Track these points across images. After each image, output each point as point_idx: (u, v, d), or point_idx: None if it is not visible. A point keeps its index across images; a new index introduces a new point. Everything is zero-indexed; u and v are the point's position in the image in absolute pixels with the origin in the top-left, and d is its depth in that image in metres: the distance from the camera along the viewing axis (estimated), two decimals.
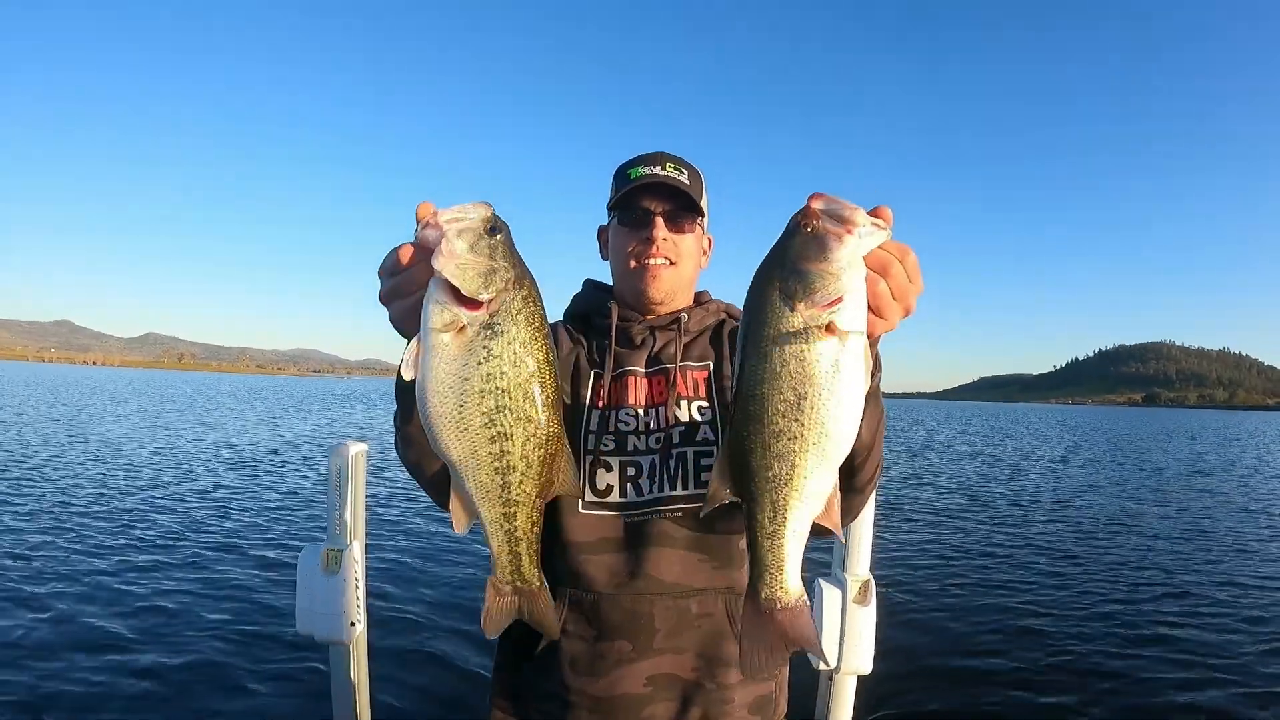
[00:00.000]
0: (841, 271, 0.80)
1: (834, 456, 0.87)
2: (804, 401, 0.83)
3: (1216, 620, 5.69)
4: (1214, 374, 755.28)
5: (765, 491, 0.88)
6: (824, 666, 1.88)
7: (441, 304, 0.81)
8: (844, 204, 0.81)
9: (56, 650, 4.28)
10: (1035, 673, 4.56)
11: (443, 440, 0.85)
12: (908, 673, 4.34)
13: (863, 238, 0.81)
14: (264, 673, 4.07)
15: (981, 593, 6.29)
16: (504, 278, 0.82)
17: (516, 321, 0.82)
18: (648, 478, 1.26)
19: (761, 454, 0.87)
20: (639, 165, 1.33)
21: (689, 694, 1.25)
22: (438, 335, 0.81)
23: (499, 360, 0.82)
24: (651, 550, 1.24)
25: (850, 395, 0.84)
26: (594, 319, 1.41)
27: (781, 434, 0.85)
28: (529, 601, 0.97)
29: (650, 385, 1.32)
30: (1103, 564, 7.59)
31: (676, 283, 1.35)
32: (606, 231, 1.43)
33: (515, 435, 0.85)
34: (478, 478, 0.86)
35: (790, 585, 0.93)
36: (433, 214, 0.81)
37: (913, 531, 9.00)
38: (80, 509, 8.37)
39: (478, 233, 0.81)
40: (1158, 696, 4.28)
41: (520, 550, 0.92)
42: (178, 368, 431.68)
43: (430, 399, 0.83)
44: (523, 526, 0.91)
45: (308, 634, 2.11)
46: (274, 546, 6.98)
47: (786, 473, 0.87)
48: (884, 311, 0.86)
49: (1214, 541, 8.96)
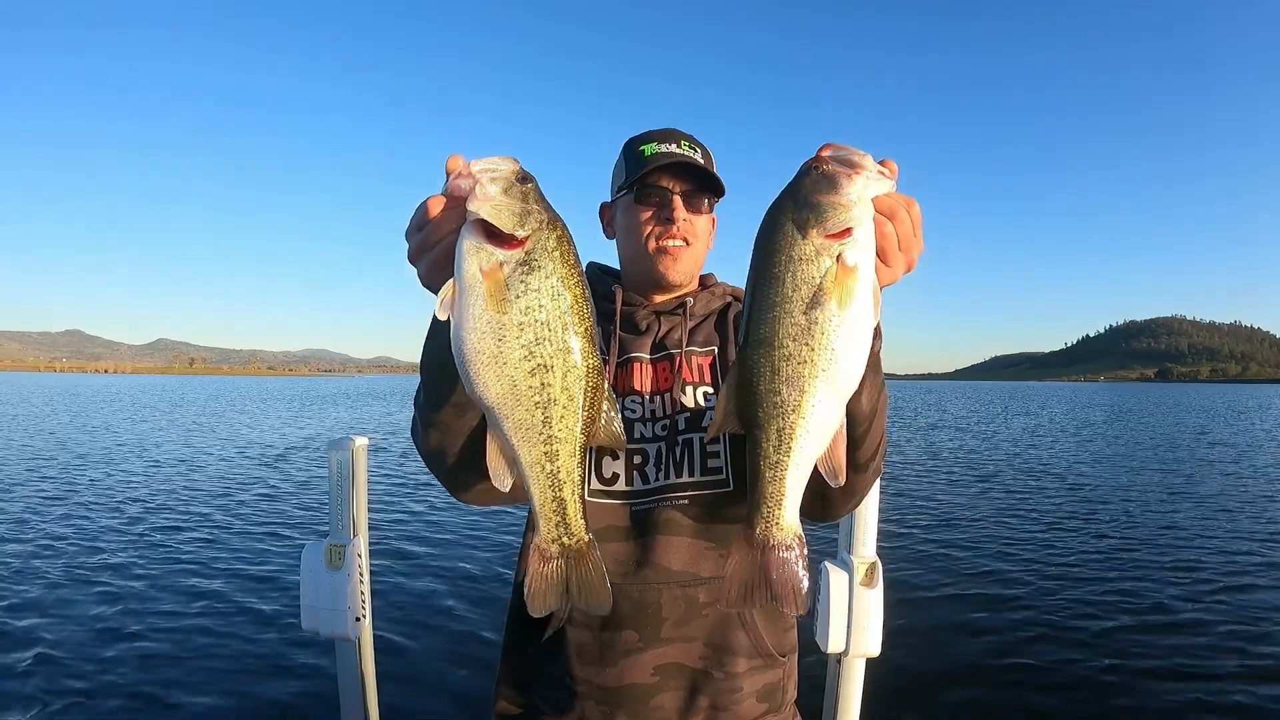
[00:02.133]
0: (852, 204, 0.82)
1: (842, 387, 0.87)
2: (814, 326, 0.83)
3: (1230, 596, 5.67)
4: (1226, 348, 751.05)
5: (772, 418, 0.87)
6: (832, 650, 1.86)
7: (477, 244, 0.81)
8: (853, 150, 0.84)
9: (64, 644, 4.35)
10: (1046, 651, 4.54)
11: (480, 379, 0.83)
12: (917, 654, 4.34)
13: (870, 179, 0.83)
14: (272, 669, 4.11)
15: (991, 572, 6.28)
16: (539, 217, 0.82)
17: (553, 257, 0.82)
18: (654, 465, 1.24)
19: (770, 378, 0.86)
20: (652, 142, 1.30)
21: (697, 683, 1.23)
22: (473, 275, 0.81)
23: (537, 294, 0.81)
24: (658, 539, 1.22)
25: (860, 326, 0.84)
26: (598, 302, 1.36)
27: (791, 358, 0.85)
28: (577, 563, 0.91)
29: (655, 371, 1.30)
30: (1114, 541, 7.56)
31: (694, 265, 1.34)
32: (612, 209, 1.39)
33: (555, 367, 0.83)
34: (517, 414, 0.84)
35: (786, 521, 0.91)
36: (465, 165, 0.82)
37: (920, 512, 9.00)
38: (87, 508, 8.50)
39: (510, 180, 0.81)
40: (1169, 669, 4.28)
41: (565, 496, 0.88)
42: (189, 372, 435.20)
43: (467, 337, 0.82)
44: (565, 466, 0.86)
45: (312, 630, 2.10)
46: (281, 542, 7.05)
47: (795, 399, 0.86)
48: (889, 258, 0.87)
49: (1230, 518, 8.90)
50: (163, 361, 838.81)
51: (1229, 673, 4.25)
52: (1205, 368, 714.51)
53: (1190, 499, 10.32)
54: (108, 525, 7.69)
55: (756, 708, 1.27)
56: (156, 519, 8.06)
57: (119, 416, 25.54)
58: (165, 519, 8.08)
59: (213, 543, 6.98)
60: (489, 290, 0.80)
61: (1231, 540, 7.59)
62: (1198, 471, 13.41)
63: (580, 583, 0.91)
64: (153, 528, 7.58)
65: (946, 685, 4.05)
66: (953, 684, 4.07)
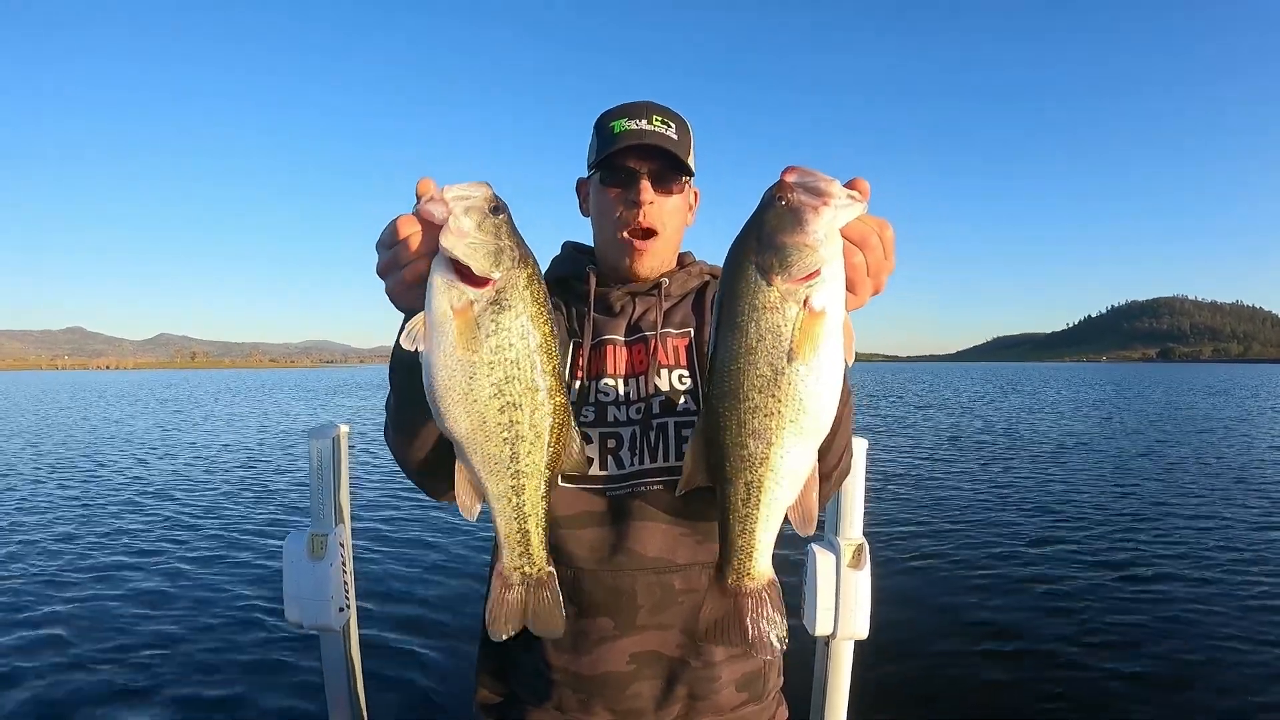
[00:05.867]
0: (819, 244, 0.78)
1: (812, 434, 0.84)
2: (781, 377, 0.81)
3: (1220, 566, 5.73)
4: (1228, 328, 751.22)
5: (739, 471, 0.85)
6: (820, 633, 1.85)
7: (449, 282, 0.82)
8: (819, 176, 0.79)
9: (45, 635, 4.38)
10: (1037, 630, 4.55)
11: (451, 414, 0.85)
12: (906, 636, 4.34)
13: (839, 210, 0.78)
14: (256, 660, 4.11)
15: (981, 552, 6.28)
16: (511, 256, 0.83)
17: (523, 297, 0.84)
18: (628, 450, 1.21)
19: (736, 431, 0.84)
20: (622, 118, 1.24)
21: (674, 672, 1.21)
22: (444, 312, 0.82)
23: (507, 333, 0.83)
24: (633, 524, 1.19)
25: (829, 371, 0.82)
26: (573, 284, 1.34)
27: (758, 410, 0.82)
28: (536, 591, 0.94)
29: (630, 354, 1.27)
30: (1108, 518, 7.58)
31: (665, 252, 1.30)
32: (587, 185, 1.35)
33: (524, 404, 0.86)
34: (486, 449, 0.87)
35: (758, 570, 0.91)
36: (437, 190, 0.82)
37: (909, 492, 9.01)
38: (80, 502, 8.52)
39: (483, 211, 0.82)
40: (1159, 647, 4.29)
41: (529, 528, 0.91)
42: (190, 366, 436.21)
43: (438, 373, 0.84)
44: (531, 499, 0.90)
45: (296, 621, 2.08)
46: (264, 534, 7.07)
47: (762, 451, 0.84)
48: (856, 287, 0.84)
49: (1228, 493, 8.93)
50: (164, 356, 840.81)
51: (1229, 639, 4.30)
52: (1207, 348, 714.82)
53: (1185, 475, 10.35)
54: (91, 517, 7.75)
55: (736, 697, 1.25)
56: (140, 512, 8.08)
57: (115, 412, 25.60)
58: (149, 511, 8.12)
59: (197, 535, 7.01)
60: (460, 328, 0.82)
61: (1230, 520, 7.59)
62: (1191, 448, 13.44)
63: (537, 610, 0.95)
64: (136, 522, 7.61)
65: (936, 667, 4.05)
66: (942, 665, 4.07)
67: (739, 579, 0.91)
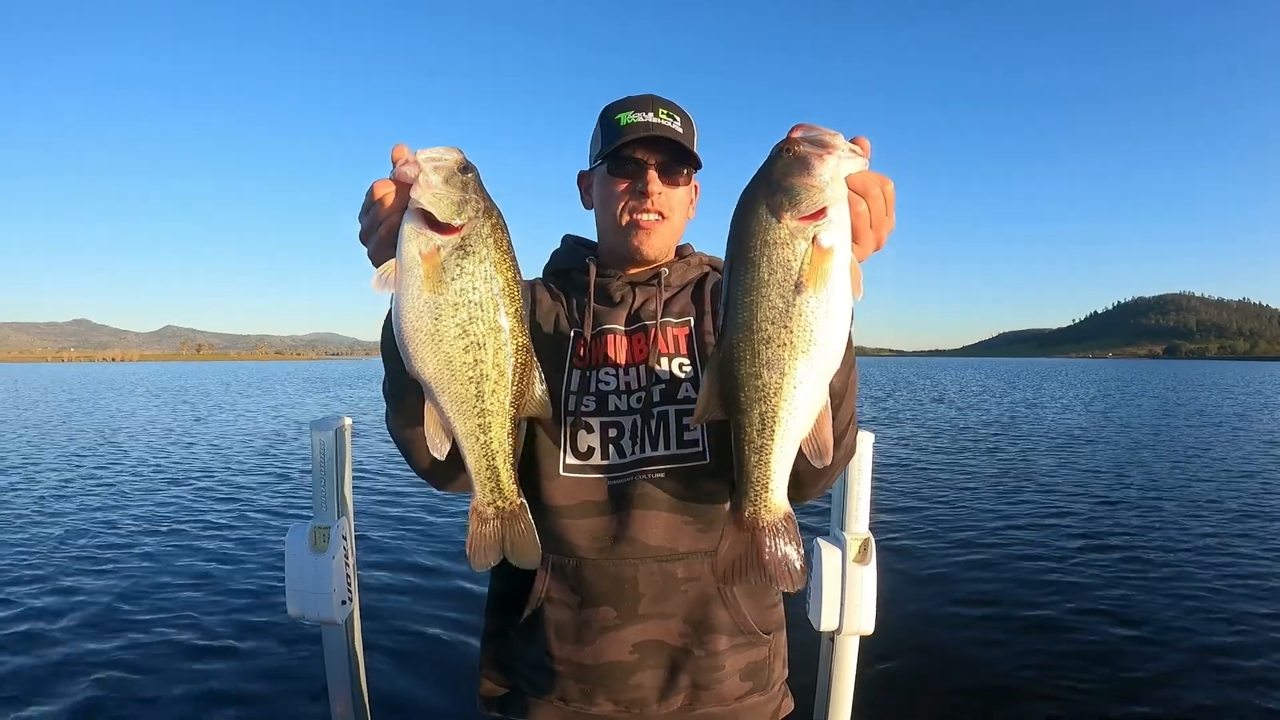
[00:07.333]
0: (825, 185, 0.82)
1: (823, 367, 0.87)
2: (792, 309, 0.84)
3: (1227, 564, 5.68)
4: (1235, 325, 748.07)
5: (754, 402, 0.88)
6: (825, 628, 1.83)
7: (417, 229, 0.87)
8: (824, 130, 0.85)
9: (44, 629, 4.38)
10: (1045, 626, 4.53)
11: (419, 355, 0.90)
12: (912, 631, 4.32)
13: (843, 159, 0.83)
14: (258, 654, 4.12)
15: (987, 547, 6.26)
16: (475, 206, 0.88)
17: (486, 243, 0.89)
18: (629, 438, 1.22)
19: (750, 362, 0.87)
20: (628, 110, 1.26)
21: (677, 661, 1.21)
22: (412, 257, 0.87)
23: (471, 276, 0.88)
24: (635, 513, 1.19)
25: (838, 306, 0.85)
26: (574, 275, 1.36)
27: (771, 341, 0.85)
28: (510, 524, 0.98)
29: (630, 343, 1.28)
30: (1116, 512, 7.55)
31: (670, 238, 1.31)
32: (589, 178, 1.36)
33: (488, 344, 0.90)
34: (453, 389, 0.91)
35: (775, 502, 0.93)
36: (410, 153, 0.88)
37: (915, 486, 9.00)
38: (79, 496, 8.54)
39: (452, 170, 0.87)
40: (1173, 642, 4.26)
41: (498, 464, 0.95)
42: (196, 358, 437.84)
43: (406, 315, 0.89)
44: (498, 437, 0.94)
45: (298, 614, 2.08)
46: (267, 527, 7.09)
47: (776, 381, 0.86)
48: (860, 236, 0.87)
49: (1234, 485, 8.87)
50: (170, 348, 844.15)
51: (1237, 632, 4.31)
52: (1213, 345, 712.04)
53: (1190, 469, 10.31)
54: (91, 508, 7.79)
55: (740, 686, 1.25)
56: (140, 505, 8.11)
57: (122, 404, 25.71)
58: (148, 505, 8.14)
59: (198, 528, 7.02)
60: (427, 272, 0.87)
61: (1236, 510, 7.56)
62: (1200, 442, 13.39)
63: (513, 541, 0.99)
64: (137, 514, 7.63)
65: (942, 663, 4.04)
66: (948, 661, 4.06)
67: (756, 511, 0.92)
